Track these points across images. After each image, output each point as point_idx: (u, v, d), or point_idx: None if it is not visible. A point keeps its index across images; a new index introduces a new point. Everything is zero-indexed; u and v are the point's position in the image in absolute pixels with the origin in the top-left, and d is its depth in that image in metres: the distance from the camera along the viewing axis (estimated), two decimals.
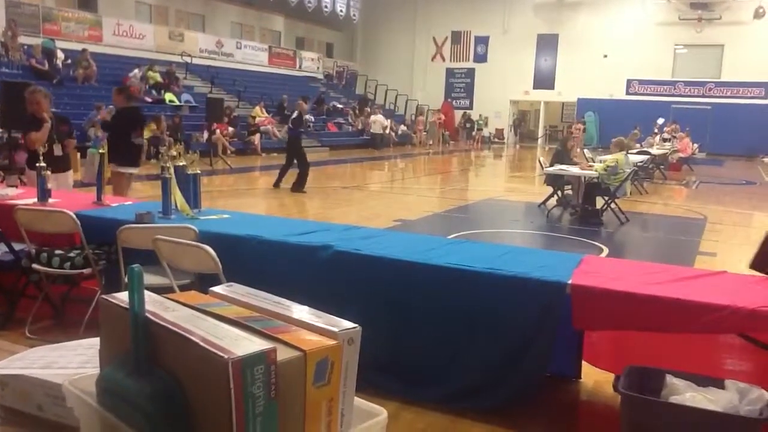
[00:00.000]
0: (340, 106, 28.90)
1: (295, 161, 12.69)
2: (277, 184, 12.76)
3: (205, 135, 18.18)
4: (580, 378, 3.93)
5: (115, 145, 7.42)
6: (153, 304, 0.84)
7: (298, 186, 12.55)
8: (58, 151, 6.13)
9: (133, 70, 20.24)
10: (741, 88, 29.48)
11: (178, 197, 4.52)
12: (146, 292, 0.83)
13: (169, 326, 0.78)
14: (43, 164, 4.95)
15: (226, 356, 0.70)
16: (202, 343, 0.73)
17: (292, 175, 12.58)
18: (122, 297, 0.86)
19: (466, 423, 3.37)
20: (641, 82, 31.33)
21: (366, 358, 0.82)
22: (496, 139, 34.44)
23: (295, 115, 12.75)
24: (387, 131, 27.18)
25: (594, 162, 11.77)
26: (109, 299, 0.87)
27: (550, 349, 3.42)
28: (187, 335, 0.75)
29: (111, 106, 9.98)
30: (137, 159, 8.16)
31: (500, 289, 3.37)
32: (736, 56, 29.07)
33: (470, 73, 35.10)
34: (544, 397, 3.67)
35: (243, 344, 0.73)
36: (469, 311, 3.46)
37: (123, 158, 7.61)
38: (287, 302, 0.91)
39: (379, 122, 26.58)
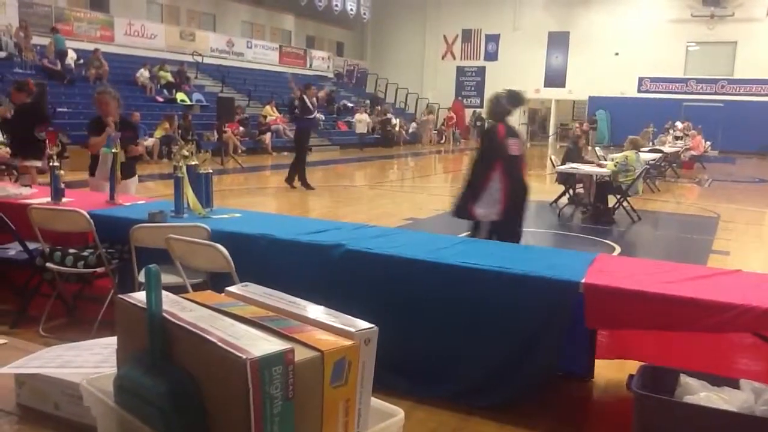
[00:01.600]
0: (351, 104, 28.90)
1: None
2: (290, 182, 12.73)
3: (216, 134, 18.23)
4: (593, 378, 3.91)
5: (20, 140, 8.03)
6: (170, 303, 0.84)
7: (289, 179, 12.58)
8: (121, 157, 5.65)
9: (143, 69, 20.33)
10: (753, 85, 29.24)
11: (190, 196, 4.54)
12: (163, 292, 0.83)
13: (187, 326, 0.78)
14: (56, 163, 4.98)
15: (244, 356, 0.70)
16: (219, 344, 0.73)
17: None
18: (139, 297, 0.86)
19: (477, 421, 3.36)
20: (653, 79, 31.14)
21: (377, 357, 0.82)
22: None
23: (295, 103, 12.50)
24: (371, 129, 26.63)
25: (605, 160, 11.71)
26: (126, 299, 0.87)
27: (561, 348, 3.41)
28: (205, 335, 0.75)
29: (10, 104, 10.17)
30: (41, 152, 8.12)
31: (511, 287, 3.36)
32: (749, 53, 28.84)
33: (481, 71, 35.00)
34: (555, 396, 3.66)
35: (261, 344, 0.73)
36: (479, 310, 3.45)
37: (27, 152, 8.00)
38: (303, 302, 0.91)
39: (363, 121, 25.97)
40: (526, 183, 5.97)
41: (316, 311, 0.87)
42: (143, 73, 20.20)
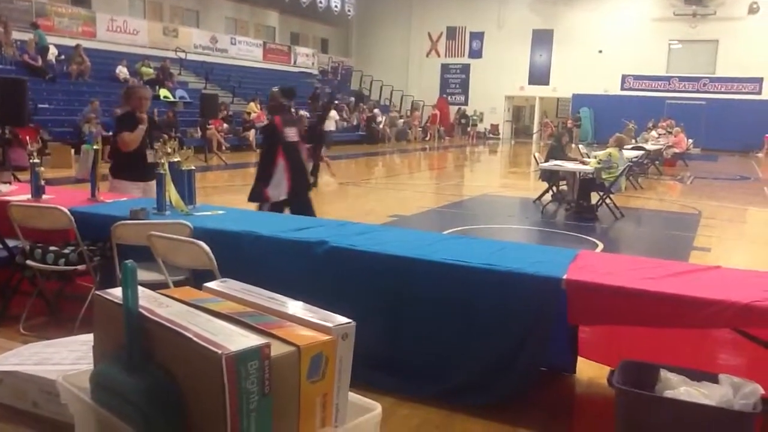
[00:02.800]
0: (336, 102, 28.83)
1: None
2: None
3: (200, 131, 18.13)
4: (575, 373, 3.94)
5: None
6: (147, 300, 0.84)
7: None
8: (151, 157, 5.44)
9: (121, 66, 20.17)
10: (735, 83, 29.53)
11: (172, 193, 4.51)
12: (140, 288, 0.82)
13: (163, 322, 0.78)
14: (36, 160, 4.93)
15: (219, 351, 0.70)
16: (196, 339, 0.73)
17: None
18: (116, 293, 0.85)
19: (462, 419, 3.37)
20: (636, 77, 31.36)
21: (361, 354, 0.82)
22: (491, 135, 34.45)
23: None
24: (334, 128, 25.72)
25: (589, 158, 11.78)
26: (103, 295, 0.87)
27: (546, 345, 3.43)
28: (181, 331, 0.75)
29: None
30: None
31: (495, 284, 3.37)
32: (731, 52, 29.12)
33: (465, 68, 35.08)
34: (539, 392, 3.68)
35: (237, 340, 0.73)
36: (464, 307, 3.46)
37: None
38: (281, 298, 0.91)
39: (332, 119, 23.98)
40: (304, 164, 6.83)
41: (294, 307, 0.87)
42: (122, 70, 20.04)
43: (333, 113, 24.26)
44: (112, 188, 5.51)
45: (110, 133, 15.52)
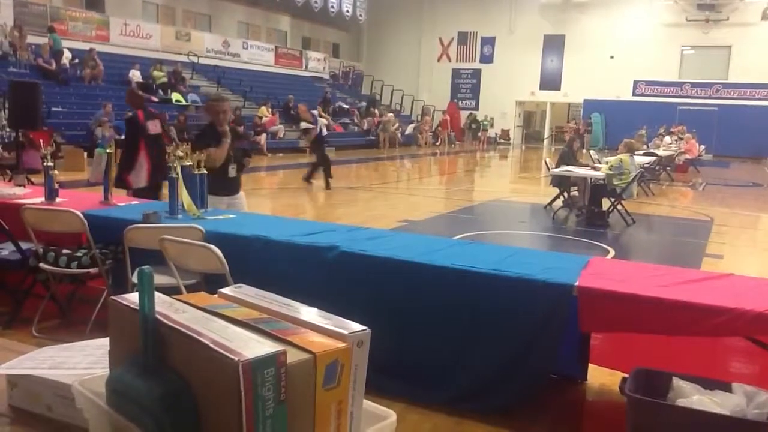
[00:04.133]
0: (346, 106, 28.90)
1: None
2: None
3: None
4: (587, 380, 3.92)
5: None
6: (162, 305, 0.84)
7: (308, 177, 13.54)
8: (232, 172, 5.29)
9: (134, 69, 20.29)
10: (748, 89, 29.38)
11: (184, 197, 4.53)
12: (156, 294, 0.83)
13: (179, 328, 0.78)
14: (50, 163, 4.96)
15: (236, 358, 0.70)
16: (212, 345, 0.73)
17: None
18: (132, 298, 0.86)
19: (472, 424, 3.36)
20: (648, 83, 31.26)
21: (371, 359, 0.82)
22: (502, 140, 34.41)
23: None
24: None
25: (600, 163, 11.74)
26: (119, 300, 0.87)
27: (556, 351, 3.42)
28: (197, 337, 0.75)
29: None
30: None
31: (506, 290, 3.36)
32: (744, 57, 28.97)
33: (476, 73, 35.08)
34: (549, 399, 3.66)
35: (253, 346, 0.73)
36: (474, 313, 3.46)
37: None
38: (296, 304, 0.91)
39: (323, 121, 23.07)
40: (165, 155, 6.57)
41: (309, 313, 0.87)
42: (135, 74, 20.16)
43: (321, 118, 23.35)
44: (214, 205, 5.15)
45: (123, 137, 15.74)
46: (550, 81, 33.33)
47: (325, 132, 14.45)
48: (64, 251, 4.33)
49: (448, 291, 3.49)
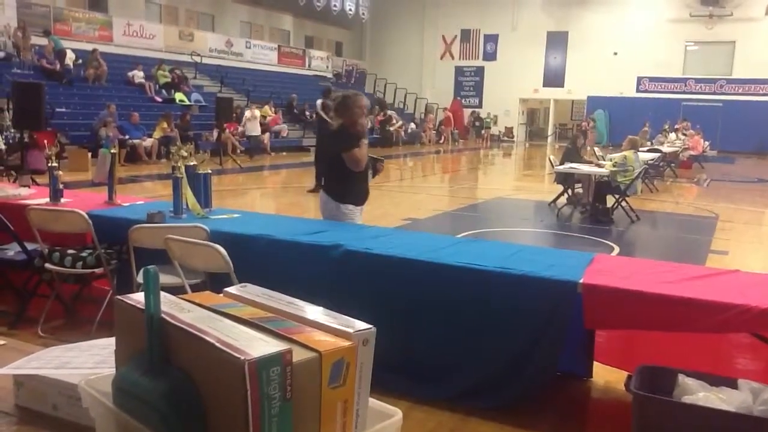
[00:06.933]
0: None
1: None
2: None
3: (215, 134, 18.20)
4: (591, 377, 3.92)
5: None
6: (168, 304, 0.84)
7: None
8: (370, 177, 4.87)
9: (136, 70, 20.32)
10: (752, 85, 29.26)
11: (189, 197, 4.54)
12: (161, 293, 0.83)
13: (185, 327, 0.78)
14: (55, 164, 4.97)
15: (242, 357, 0.70)
16: (218, 344, 0.73)
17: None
18: (137, 298, 0.86)
19: (476, 422, 3.36)
20: (652, 79, 31.16)
21: (375, 357, 0.82)
22: (506, 138, 34.36)
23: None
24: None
25: (604, 160, 11.72)
26: (125, 300, 0.87)
27: (560, 348, 3.41)
28: (203, 336, 0.75)
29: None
30: None
31: (510, 288, 3.36)
32: (748, 53, 28.86)
33: (479, 71, 35.02)
34: (554, 396, 3.66)
35: (259, 345, 0.73)
36: (479, 310, 3.46)
37: None
38: (301, 303, 0.91)
39: (254, 120, 20.13)
40: None
41: (314, 312, 0.87)
42: (137, 74, 20.18)
43: (255, 111, 20.46)
44: (334, 215, 4.73)
45: (126, 137, 15.78)
46: (554, 78, 33.25)
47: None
48: (69, 251, 4.35)
49: (453, 288, 3.49)
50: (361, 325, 0.82)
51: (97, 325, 4.18)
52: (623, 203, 10.19)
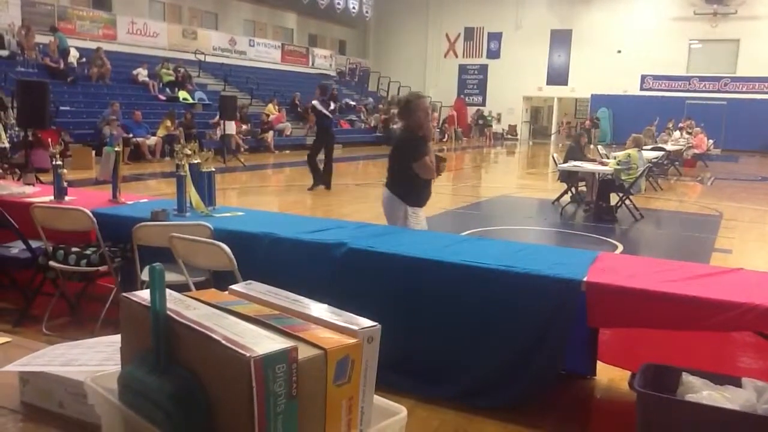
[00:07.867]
0: (353, 103, 28.87)
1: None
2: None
3: (218, 132, 18.19)
4: (595, 375, 3.91)
5: None
6: (174, 302, 0.85)
7: (327, 183, 12.40)
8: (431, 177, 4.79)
9: (140, 68, 20.33)
10: (757, 83, 29.18)
11: (192, 195, 4.54)
12: (167, 290, 0.83)
13: (191, 324, 0.78)
14: (59, 162, 4.99)
15: (247, 354, 0.70)
16: (223, 342, 0.73)
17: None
18: (143, 295, 0.86)
19: (481, 420, 3.36)
20: (655, 77, 31.10)
21: (380, 356, 0.82)
22: (509, 136, 34.33)
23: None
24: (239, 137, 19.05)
25: (608, 158, 11.70)
26: (130, 297, 0.88)
27: (564, 347, 3.41)
28: (209, 333, 0.76)
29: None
30: None
31: (514, 286, 3.36)
32: (752, 51, 28.78)
33: (483, 69, 34.98)
34: (558, 395, 3.66)
35: (264, 343, 0.73)
36: (482, 308, 3.45)
37: None
38: (306, 300, 0.91)
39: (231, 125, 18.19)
40: None
41: (319, 309, 0.87)
42: (141, 72, 20.20)
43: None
44: (402, 217, 4.80)
45: (130, 135, 15.78)
46: (558, 76, 33.21)
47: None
48: (74, 249, 4.36)
49: (457, 287, 3.49)
50: (366, 322, 0.82)
51: (101, 323, 4.19)
52: (627, 201, 10.17)
